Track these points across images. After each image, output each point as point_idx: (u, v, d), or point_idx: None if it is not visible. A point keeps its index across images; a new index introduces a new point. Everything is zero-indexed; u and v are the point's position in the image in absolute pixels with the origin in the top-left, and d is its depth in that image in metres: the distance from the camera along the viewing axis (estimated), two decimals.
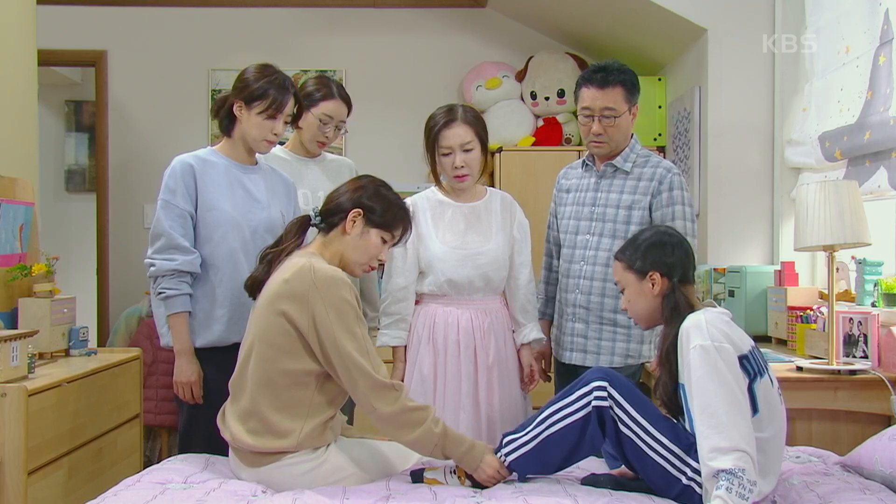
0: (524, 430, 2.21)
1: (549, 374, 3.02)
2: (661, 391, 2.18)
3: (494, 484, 2.17)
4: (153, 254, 2.57)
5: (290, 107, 2.66)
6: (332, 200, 2.34)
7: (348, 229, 2.27)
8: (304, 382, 2.17)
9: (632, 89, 2.76)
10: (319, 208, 2.35)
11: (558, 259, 2.95)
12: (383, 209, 2.30)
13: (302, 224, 2.36)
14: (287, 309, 2.15)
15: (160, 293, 2.57)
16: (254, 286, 2.31)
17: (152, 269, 2.56)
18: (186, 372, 2.58)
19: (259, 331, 2.20)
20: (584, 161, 2.94)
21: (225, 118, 2.69)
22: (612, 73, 2.74)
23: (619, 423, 2.11)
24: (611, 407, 2.12)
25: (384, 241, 2.32)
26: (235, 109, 2.64)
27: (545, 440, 2.16)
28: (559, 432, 2.15)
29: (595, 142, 2.80)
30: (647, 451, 2.08)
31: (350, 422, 2.89)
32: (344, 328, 2.12)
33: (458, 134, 2.73)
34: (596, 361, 2.76)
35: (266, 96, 2.60)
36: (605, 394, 2.13)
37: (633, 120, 2.81)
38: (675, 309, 2.17)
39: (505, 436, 2.25)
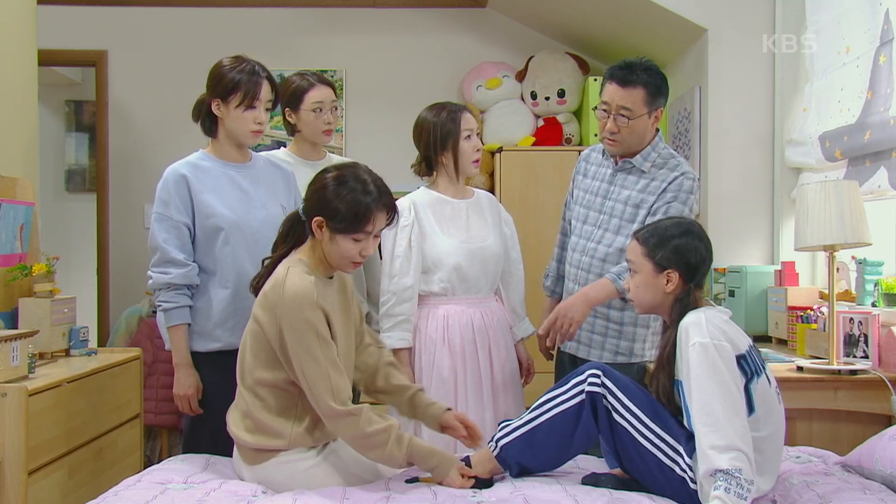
0: (520, 417, 2.23)
1: (552, 352, 3.03)
2: (659, 391, 2.17)
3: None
4: (151, 267, 2.60)
5: (266, 92, 2.62)
6: (306, 198, 2.23)
7: (318, 236, 2.18)
8: (288, 389, 2.18)
9: (655, 92, 2.66)
10: (303, 206, 2.25)
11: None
12: (343, 214, 2.12)
13: (292, 223, 2.27)
14: (262, 321, 2.15)
15: (159, 305, 2.60)
16: (257, 289, 2.28)
17: (150, 282, 2.60)
18: (184, 385, 2.59)
19: (246, 338, 2.22)
20: (604, 148, 2.86)
21: (206, 119, 2.67)
22: (636, 72, 2.64)
23: (612, 413, 2.12)
24: (604, 396, 2.12)
25: (356, 241, 2.16)
26: (214, 108, 2.63)
27: (538, 426, 2.17)
28: (552, 419, 2.16)
29: (608, 139, 2.72)
30: (641, 440, 2.09)
31: None
32: (304, 350, 2.08)
33: (473, 118, 2.83)
34: (587, 354, 2.77)
35: (239, 87, 2.58)
36: (598, 381, 2.13)
37: (654, 123, 2.71)
38: (683, 313, 2.14)
39: (501, 423, 2.26)
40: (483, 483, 2.17)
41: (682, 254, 2.17)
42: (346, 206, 2.13)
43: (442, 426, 2.35)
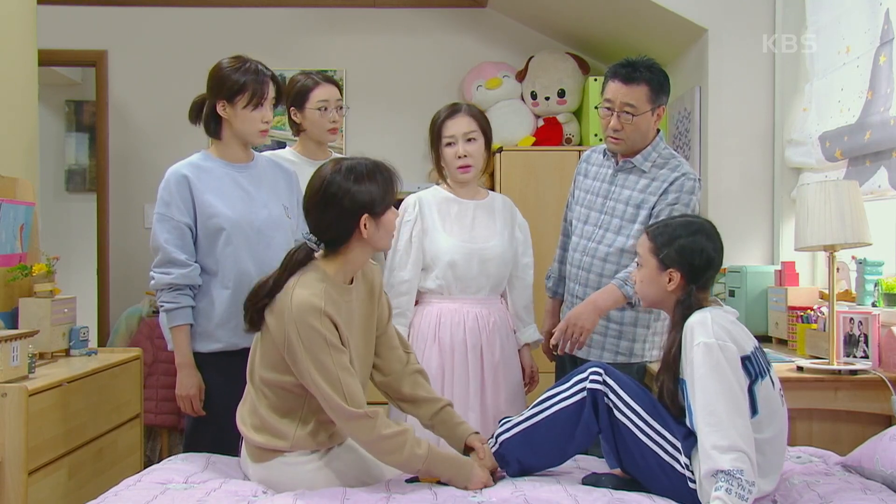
0: (521, 414, 2.23)
1: (554, 353, 3.03)
2: (663, 392, 2.16)
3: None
4: (153, 267, 2.60)
5: (271, 90, 2.64)
6: (325, 227, 2.17)
7: (365, 235, 2.17)
8: (294, 392, 2.17)
9: (657, 89, 2.68)
10: (314, 237, 2.18)
11: None
12: (379, 194, 2.17)
13: (299, 257, 2.19)
14: (271, 325, 2.15)
15: (161, 306, 2.60)
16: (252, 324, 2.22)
17: (152, 282, 2.60)
18: (186, 385, 2.59)
19: (258, 337, 2.22)
20: (605, 149, 2.88)
21: (211, 122, 2.66)
22: (639, 69, 2.67)
23: (614, 411, 2.12)
24: (605, 394, 2.12)
25: (394, 207, 2.25)
26: (220, 110, 2.62)
27: (538, 423, 2.17)
28: (553, 415, 2.16)
29: (612, 137, 2.73)
30: (642, 438, 2.09)
31: None
32: (312, 358, 2.08)
33: (461, 123, 2.78)
34: (587, 353, 2.77)
35: (245, 88, 2.58)
36: (599, 378, 2.14)
37: (657, 121, 2.73)
38: (685, 314, 2.13)
39: (501, 420, 2.27)
40: None
41: (686, 254, 2.16)
42: (379, 184, 2.18)
43: (466, 446, 2.31)
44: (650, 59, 2.71)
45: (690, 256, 2.16)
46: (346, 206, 2.14)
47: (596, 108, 2.79)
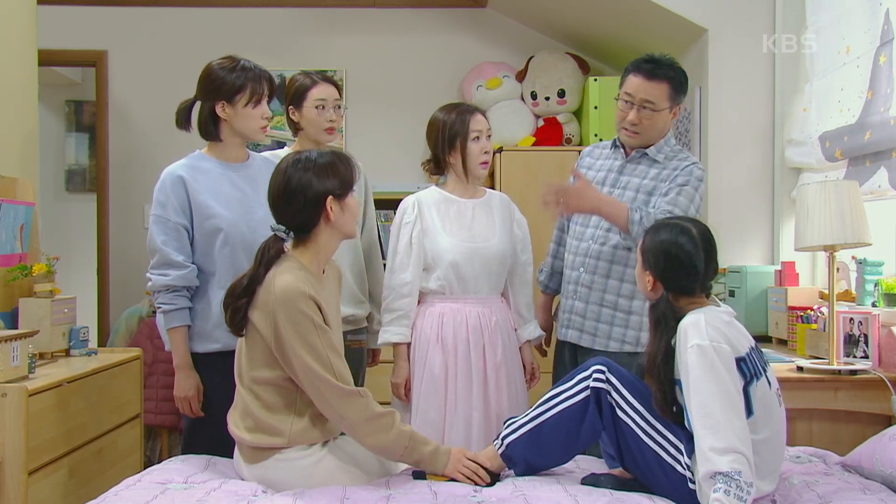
0: (525, 414, 2.24)
1: (545, 348, 3.05)
2: (657, 402, 2.12)
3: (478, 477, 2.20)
4: (150, 269, 2.60)
5: (267, 87, 2.66)
6: (292, 215, 2.21)
7: (331, 218, 2.22)
8: (286, 386, 2.19)
9: (678, 88, 2.71)
10: (282, 226, 2.22)
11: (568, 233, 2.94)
12: (338, 178, 2.24)
13: (272, 251, 2.23)
14: (255, 321, 2.17)
15: (158, 307, 2.60)
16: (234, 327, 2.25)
17: (149, 284, 2.60)
18: (184, 387, 2.59)
19: (242, 339, 2.24)
20: (613, 141, 2.89)
21: (209, 124, 2.65)
22: (662, 67, 2.69)
23: (616, 409, 2.12)
24: (609, 392, 2.13)
25: (355, 191, 2.31)
26: (219, 111, 2.62)
27: (543, 423, 2.18)
28: (558, 415, 2.17)
29: (628, 130, 2.74)
30: (643, 438, 2.09)
31: None
32: (302, 342, 2.11)
33: (482, 121, 2.84)
34: (591, 342, 2.76)
35: (245, 86, 2.60)
36: (603, 377, 2.14)
37: (672, 119, 2.76)
38: (659, 321, 2.12)
39: (507, 420, 2.28)
40: (489, 475, 2.20)
41: (659, 258, 2.15)
42: (340, 169, 2.25)
43: None
44: (672, 58, 2.74)
45: (662, 261, 2.14)
46: (309, 193, 2.20)
47: (616, 98, 2.78)
